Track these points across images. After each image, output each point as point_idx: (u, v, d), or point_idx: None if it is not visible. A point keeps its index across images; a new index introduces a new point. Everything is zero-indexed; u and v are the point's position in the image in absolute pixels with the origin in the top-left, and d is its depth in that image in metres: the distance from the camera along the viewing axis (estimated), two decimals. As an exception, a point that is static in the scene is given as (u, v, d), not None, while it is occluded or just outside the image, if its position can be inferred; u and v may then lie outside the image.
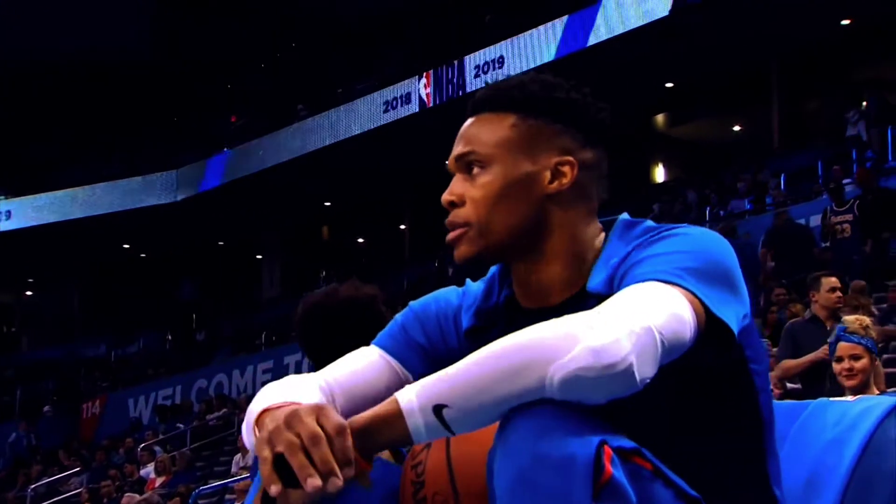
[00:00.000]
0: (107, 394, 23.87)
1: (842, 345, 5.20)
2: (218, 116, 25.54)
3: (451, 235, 1.84)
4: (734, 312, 1.69)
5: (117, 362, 25.75)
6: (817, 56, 18.31)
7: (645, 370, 1.55)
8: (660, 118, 22.50)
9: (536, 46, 18.51)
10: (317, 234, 27.73)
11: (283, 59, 26.29)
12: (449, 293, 1.99)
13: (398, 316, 1.98)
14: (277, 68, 26.12)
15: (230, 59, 26.33)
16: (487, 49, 19.34)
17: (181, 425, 19.74)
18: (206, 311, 26.42)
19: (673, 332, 1.59)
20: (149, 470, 16.35)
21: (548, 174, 1.81)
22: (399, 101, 20.54)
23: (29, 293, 31.11)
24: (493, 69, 18.91)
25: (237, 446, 15.68)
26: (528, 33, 18.69)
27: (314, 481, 1.47)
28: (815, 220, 13.06)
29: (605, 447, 1.53)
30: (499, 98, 1.84)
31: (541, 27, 18.49)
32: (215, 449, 18.52)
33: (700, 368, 1.71)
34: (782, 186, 15.97)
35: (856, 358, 5.14)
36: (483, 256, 1.83)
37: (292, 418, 1.52)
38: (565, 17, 18.15)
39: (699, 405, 1.77)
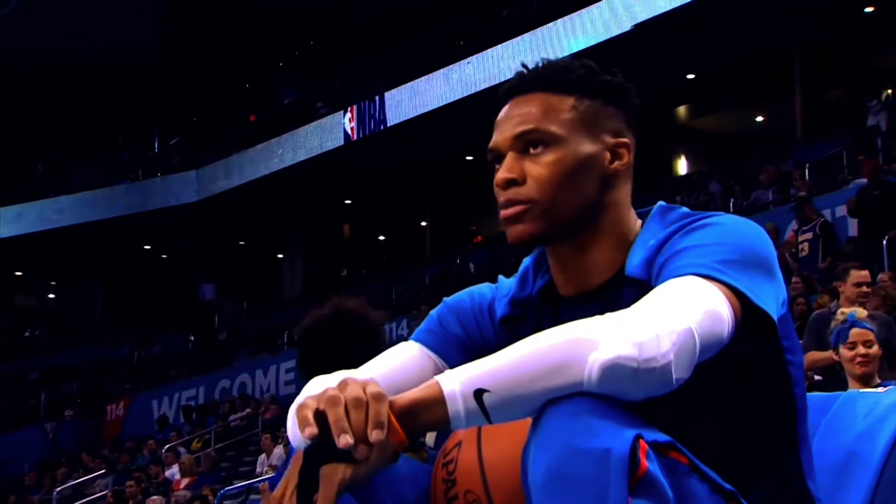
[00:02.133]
0: (130, 395, 23.97)
1: (856, 331, 5.16)
2: (237, 116, 25.60)
3: (510, 211, 1.81)
4: (774, 300, 1.70)
5: (140, 363, 25.85)
6: (840, 44, 18.21)
7: (681, 371, 1.55)
8: (681, 110, 22.45)
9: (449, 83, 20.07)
10: (338, 232, 27.77)
11: (301, 59, 26.34)
12: (482, 288, 2.00)
13: (433, 312, 1.99)
14: (295, 67, 26.17)
15: (248, 58, 26.40)
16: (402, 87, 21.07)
17: (210, 421, 19.85)
18: (228, 310, 26.50)
19: (711, 331, 1.59)
20: (174, 471, 16.42)
21: (608, 154, 1.83)
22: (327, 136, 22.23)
23: (51, 296, 31.27)
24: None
25: (261, 446, 15.73)
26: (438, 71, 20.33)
27: (346, 437, 1.51)
28: (841, 211, 13.08)
29: (641, 441, 1.52)
30: (553, 79, 1.85)
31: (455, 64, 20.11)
32: (240, 449, 18.58)
33: (738, 360, 1.71)
34: (806, 176, 15.89)
35: (868, 344, 5.12)
36: (544, 235, 1.82)
37: (343, 383, 1.57)
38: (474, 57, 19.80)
39: (735, 397, 1.77)
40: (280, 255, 27.60)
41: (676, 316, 1.56)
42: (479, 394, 1.55)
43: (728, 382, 1.74)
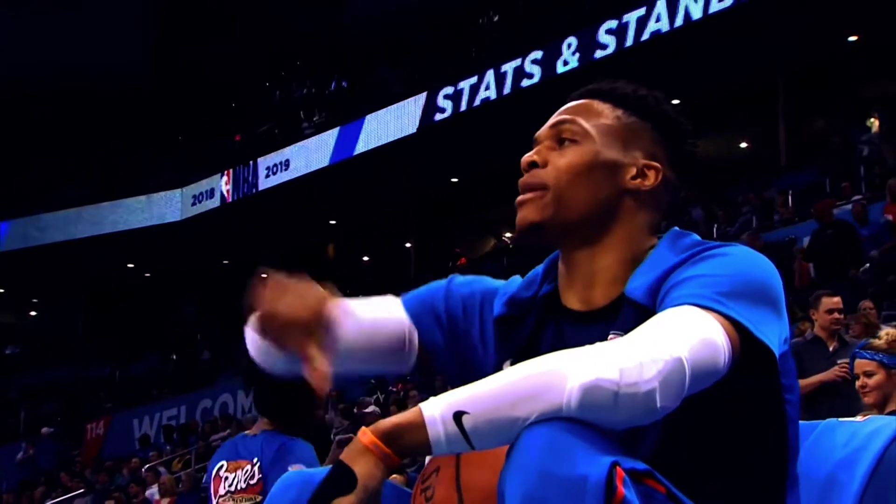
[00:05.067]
0: (111, 414, 23.83)
1: (857, 361, 5.16)
2: (222, 135, 25.57)
3: (521, 197, 1.85)
4: (776, 335, 1.69)
5: (121, 382, 25.72)
6: (824, 72, 18.31)
7: (667, 400, 1.54)
8: (665, 136, 22.47)
9: (315, 151, 22.06)
10: (322, 252, 27.73)
11: (287, 78, 26.35)
12: (493, 281, 2.02)
13: (438, 281, 2.06)
14: (281, 86, 26.18)
15: (233, 77, 26.42)
16: (275, 153, 22.92)
17: (191, 441, 19.73)
18: (211, 330, 26.40)
19: (704, 361, 1.58)
20: (153, 491, 16.32)
21: (633, 170, 1.86)
22: (205, 195, 23.92)
23: (33, 313, 31.13)
24: (281, 170, 22.66)
25: (242, 466, 15.62)
26: (308, 140, 22.34)
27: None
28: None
29: (618, 468, 1.51)
30: (612, 92, 1.92)
31: (318, 135, 22.13)
32: (220, 469, 18.47)
33: (734, 393, 1.70)
34: (790, 203, 15.96)
35: (868, 374, 5.08)
36: (548, 225, 1.83)
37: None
38: (336, 129, 21.79)
39: (728, 430, 1.76)
40: (264, 276, 27.48)
41: (665, 344, 1.56)
42: (458, 416, 1.55)
43: (722, 415, 1.73)
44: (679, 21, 17.06)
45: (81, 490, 19.17)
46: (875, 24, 16.61)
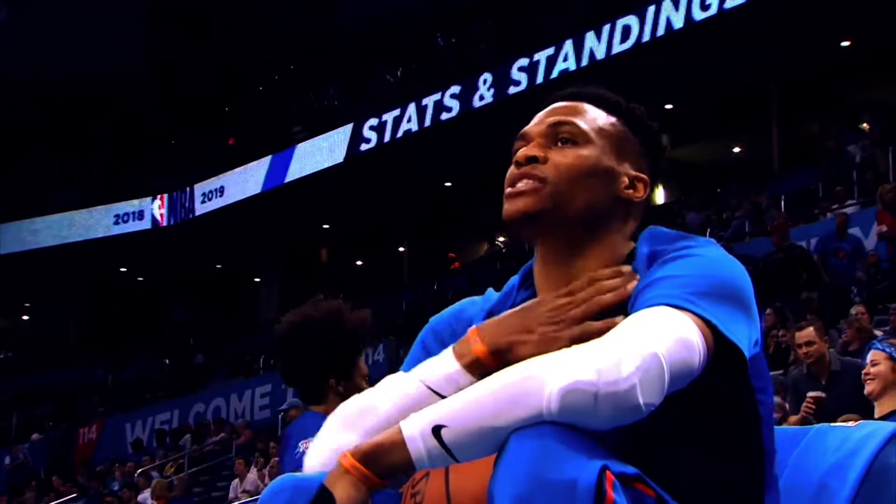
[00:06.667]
0: (103, 419, 23.79)
1: (871, 351, 5.38)
2: (215, 139, 25.55)
3: (519, 185, 1.82)
4: (746, 336, 1.68)
5: (114, 386, 25.68)
6: (817, 78, 18.34)
7: (650, 397, 1.54)
8: (659, 140, 22.47)
9: (249, 179, 22.97)
10: (315, 256, 27.71)
11: (281, 82, 26.35)
12: (467, 302, 2.00)
13: (420, 334, 1.99)
14: (275, 91, 26.17)
15: (226, 82, 26.40)
16: (212, 179, 23.65)
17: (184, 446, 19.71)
18: (204, 334, 26.37)
19: (681, 359, 1.58)
20: (146, 495, 16.30)
21: (626, 180, 1.86)
22: (132, 216, 24.61)
23: (25, 317, 31.07)
24: (216, 196, 23.43)
25: (235, 471, 15.65)
26: (241, 168, 23.18)
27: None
28: (815, 243, 13.09)
29: (608, 472, 1.51)
30: (605, 99, 1.92)
31: (250, 164, 23.02)
32: (213, 474, 18.47)
33: (706, 394, 1.69)
34: (782, 208, 15.96)
35: (873, 364, 5.25)
36: (542, 216, 1.80)
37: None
38: (269, 157, 22.71)
39: (702, 432, 1.75)
40: (257, 279, 27.51)
41: (641, 342, 1.56)
42: (437, 431, 1.55)
43: (696, 417, 1.73)
44: (585, 61, 17.77)
45: (74, 494, 19.14)
46: (867, 29, 16.64)
